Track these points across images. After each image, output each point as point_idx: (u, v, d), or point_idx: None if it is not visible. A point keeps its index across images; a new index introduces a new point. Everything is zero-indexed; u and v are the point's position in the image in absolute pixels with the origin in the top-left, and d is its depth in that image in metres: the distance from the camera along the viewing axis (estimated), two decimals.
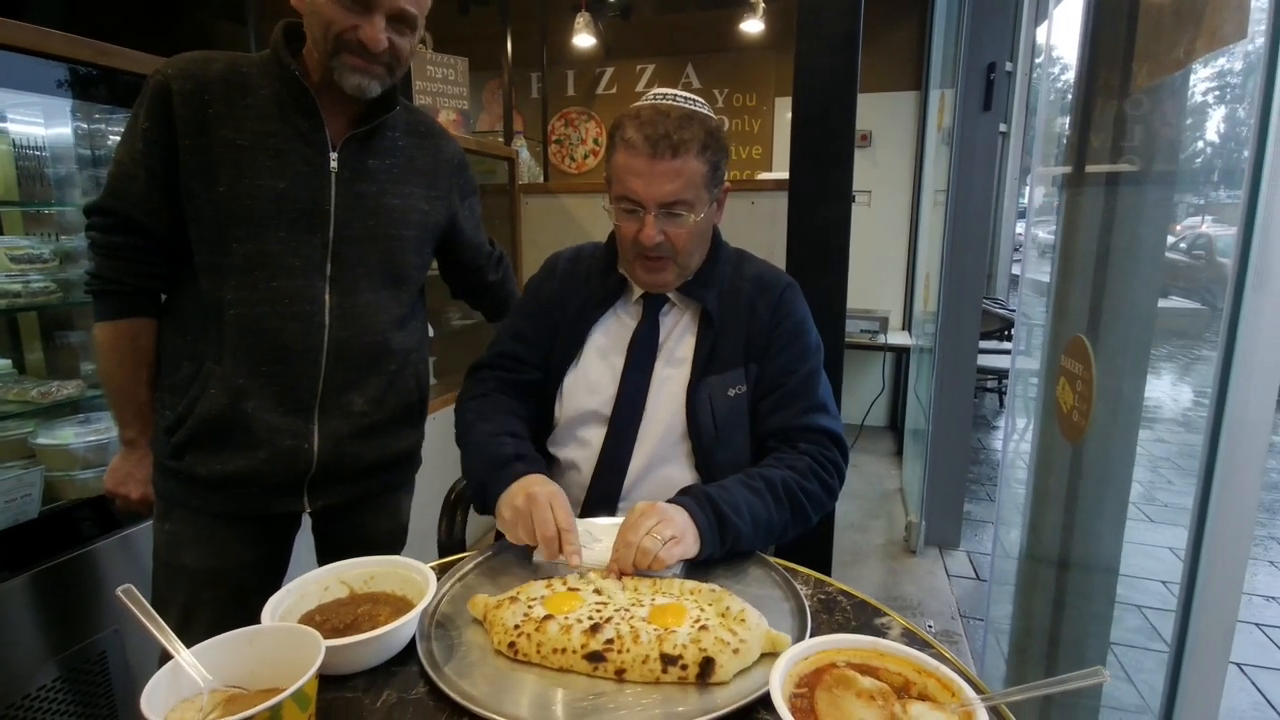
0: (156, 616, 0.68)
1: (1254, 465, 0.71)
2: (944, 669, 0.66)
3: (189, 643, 0.66)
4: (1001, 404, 5.35)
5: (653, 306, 1.19)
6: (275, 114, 1.07)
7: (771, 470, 1.05)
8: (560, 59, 5.01)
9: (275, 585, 1.24)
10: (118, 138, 1.11)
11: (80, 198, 1.67)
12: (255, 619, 0.74)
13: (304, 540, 1.32)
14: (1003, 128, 2.84)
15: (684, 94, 1.11)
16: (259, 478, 1.13)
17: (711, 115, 1.10)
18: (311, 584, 0.85)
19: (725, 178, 1.14)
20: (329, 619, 0.81)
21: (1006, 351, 5.20)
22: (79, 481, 1.58)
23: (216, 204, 1.05)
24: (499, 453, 1.07)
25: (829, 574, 0.99)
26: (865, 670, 0.67)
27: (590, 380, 1.18)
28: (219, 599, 1.16)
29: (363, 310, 1.15)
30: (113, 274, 1.09)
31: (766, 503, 1.01)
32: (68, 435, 1.60)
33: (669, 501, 0.97)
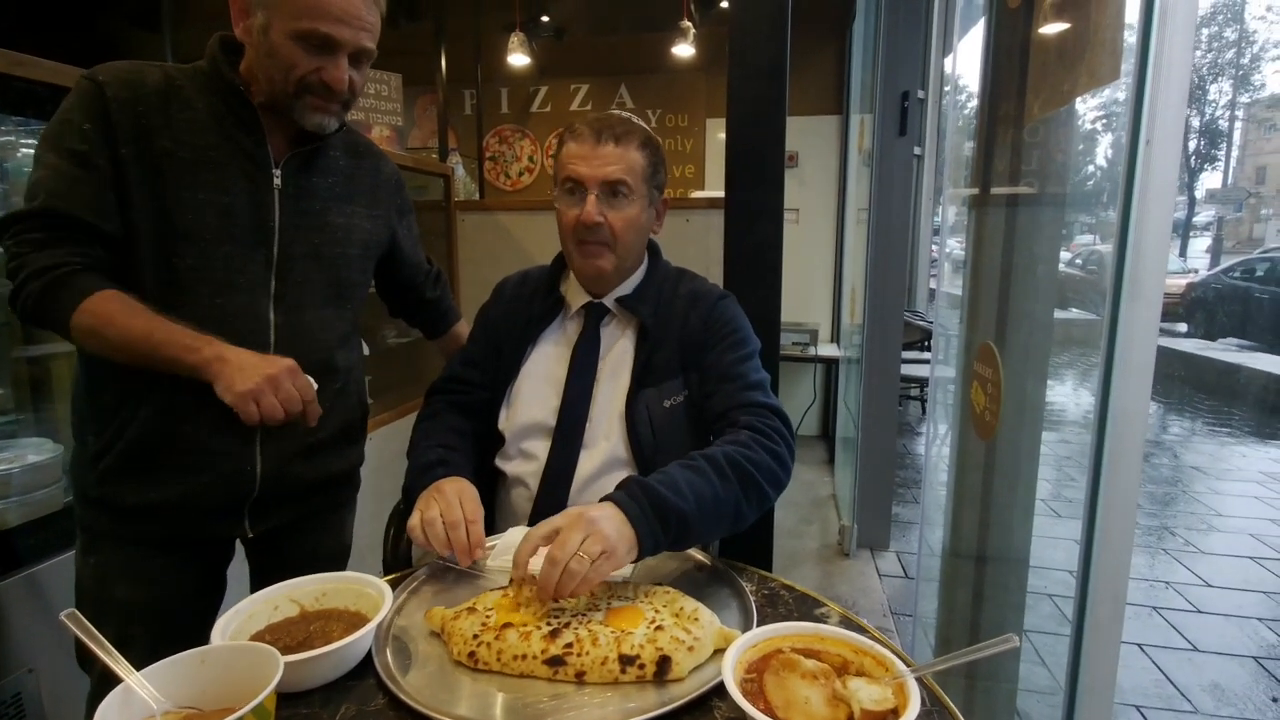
0: (103, 639, 0.66)
1: (1134, 450, 0.81)
2: (877, 647, 0.72)
3: (120, 682, 0.64)
4: (923, 410, 5.62)
5: (593, 317, 1.23)
6: (214, 128, 1.04)
7: (710, 449, 1.01)
8: (494, 76, 5.02)
9: (210, 614, 1.20)
10: (26, 151, 1.04)
11: None
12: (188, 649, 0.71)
13: (239, 568, 1.28)
14: (917, 151, 3.03)
15: (625, 114, 1.22)
16: (197, 502, 1.09)
17: (652, 131, 1.22)
18: (260, 603, 0.84)
19: (664, 188, 1.24)
20: (280, 638, 0.80)
21: (926, 361, 5.50)
22: None
23: (157, 217, 1.01)
24: (423, 460, 1.13)
25: (769, 567, 1.03)
26: (808, 654, 0.73)
27: (534, 392, 1.21)
28: (152, 632, 1.11)
29: (308, 328, 1.14)
30: (54, 261, 0.95)
31: (709, 479, 0.94)
32: None
33: (602, 499, 0.91)
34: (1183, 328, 10.65)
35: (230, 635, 0.77)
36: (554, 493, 1.16)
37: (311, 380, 1.01)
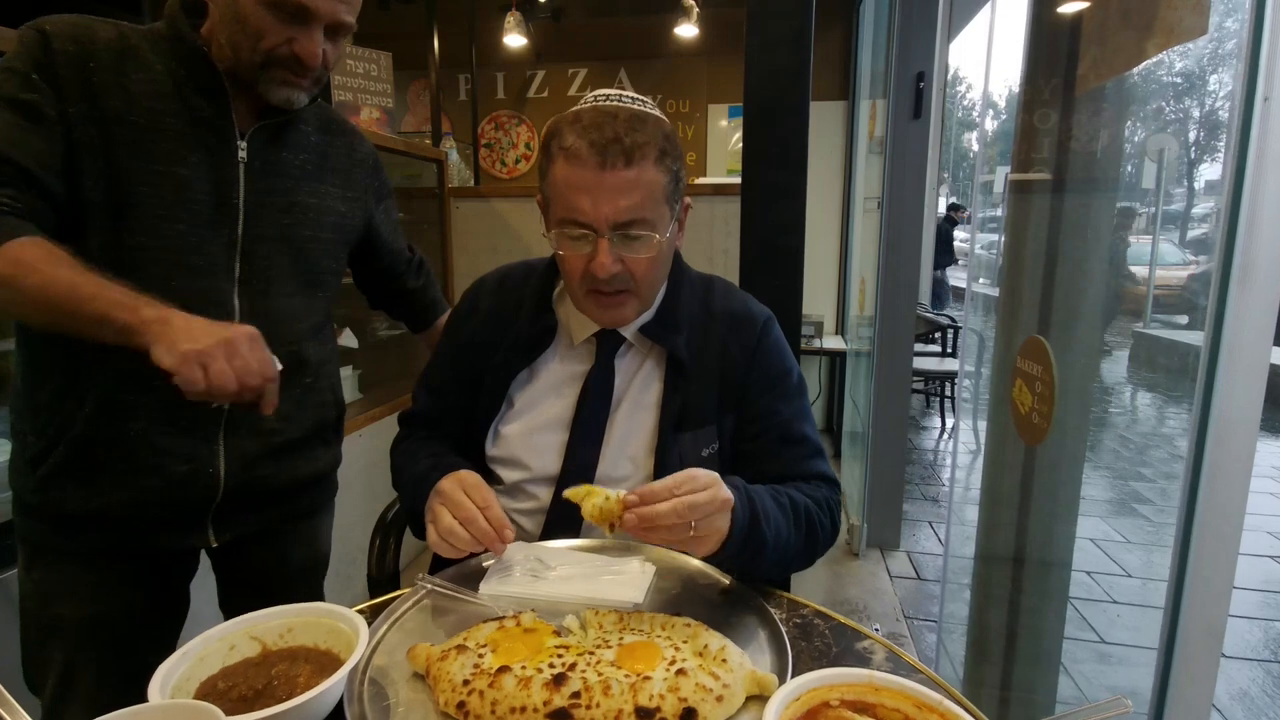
0: (14, 704, 0.54)
1: (1240, 469, 0.69)
2: (946, 703, 0.60)
3: (72, 710, 0.53)
4: (929, 404, 5.53)
5: (607, 349, 1.01)
6: (172, 93, 0.94)
7: (796, 493, 0.93)
8: (489, 60, 4.87)
9: (172, 635, 1.09)
10: None
11: None
12: (150, 675, 0.61)
13: (204, 583, 1.16)
14: None
15: (629, 94, 0.95)
16: (146, 510, 0.98)
17: (664, 118, 0.95)
18: (214, 642, 0.71)
19: (684, 191, 0.98)
20: (235, 685, 0.68)
21: (932, 354, 5.40)
22: None
23: (106, 185, 0.90)
24: (415, 472, 0.99)
25: (788, 584, 0.94)
26: (861, 708, 0.61)
27: (528, 441, 1.02)
28: (103, 656, 0.99)
29: (276, 316, 1.03)
30: None
31: (789, 522, 0.88)
32: None
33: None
34: (1184, 319, 10.55)
35: (175, 684, 0.65)
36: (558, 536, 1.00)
37: (275, 359, 0.84)
